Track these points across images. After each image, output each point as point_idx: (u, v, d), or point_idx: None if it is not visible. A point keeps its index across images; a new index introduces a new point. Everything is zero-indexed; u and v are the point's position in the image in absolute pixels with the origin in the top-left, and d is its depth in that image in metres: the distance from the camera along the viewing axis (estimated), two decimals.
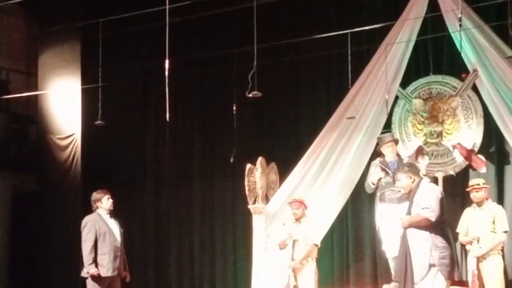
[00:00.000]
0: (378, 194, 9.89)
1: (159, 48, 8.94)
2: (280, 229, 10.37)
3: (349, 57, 9.84)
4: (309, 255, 9.69)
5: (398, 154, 9.98)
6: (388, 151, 9.90)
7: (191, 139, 12.52)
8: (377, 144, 10.06)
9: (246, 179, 10.63)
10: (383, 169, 9.78)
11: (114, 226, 10.00)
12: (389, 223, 9.59)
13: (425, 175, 9.23)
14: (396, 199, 9.51)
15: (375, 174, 9.89)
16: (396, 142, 10.02)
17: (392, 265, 9.73)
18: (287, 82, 11.75)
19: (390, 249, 9.65)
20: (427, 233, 7.37)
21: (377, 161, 9.97)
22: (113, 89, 11.78)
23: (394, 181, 8.40)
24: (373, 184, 9.95)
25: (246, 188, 10.63)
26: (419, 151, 10.37)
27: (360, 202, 11.12)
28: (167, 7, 8.56)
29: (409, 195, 7.75)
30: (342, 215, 10.95)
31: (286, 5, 11.32)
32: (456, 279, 7.75)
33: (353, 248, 11.25)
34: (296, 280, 9.70)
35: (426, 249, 7.34)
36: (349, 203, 10.88)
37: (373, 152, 10.34)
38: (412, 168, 7.83)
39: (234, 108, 10.87)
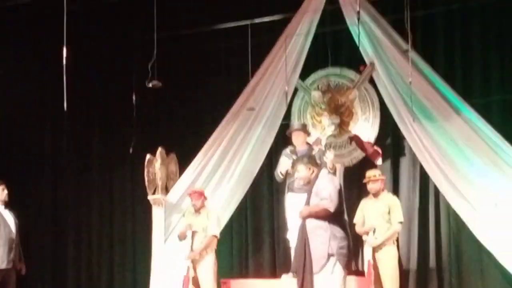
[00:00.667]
0: (287, 182, 9.94)
1: (57, 35, 8.77)
2: (180, 220, 10.36)
3: (250, 48, 9.86)
4: (208, 246, 9.68)
5: (308, 143, 10.02)
6: (296, 139, 9.96)
7: (90, 129, 12.34)
8: (288, 132, 10.12)
9: (145, 170, 10.57)
10: (291, 158, 9.82)
11: (9, 217, 9.82)
12: (294, 212, 9.66)
13: (331, 168, 9.38)
14: (301, 188, 9.57)
15: (284, 163, 9.92)
16: (304, 131, 10.04)
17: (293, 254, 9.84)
18: (188, 72, 11.68)
19: (294, 238, 9.73)
20: (326, 223, 7.45)
21: (287, 150, 10.01)
22: (10, 77, 11.52)
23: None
24: (282, 174, 9.98)
25: (146, 179, 10.56)
26: (318, 143, 10.50)
27: (259, 193, 11.20)
28: None
29: (308, 186, 7.82)
30: (242, 206, 10.98)
31: None
32: (353, 268, 7.88)
33: (252, 239, 11.33)
34: (195, 271, 9.67)
35: (325, 239, 7.43)
36: (248, 194, 10.92)
37: (286, 141, 10.36)
38: (312, 160, 7.91)
39: (134, 98, 10.77)
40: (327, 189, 7.48)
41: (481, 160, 9.53)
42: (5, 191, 9.84)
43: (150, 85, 9.49)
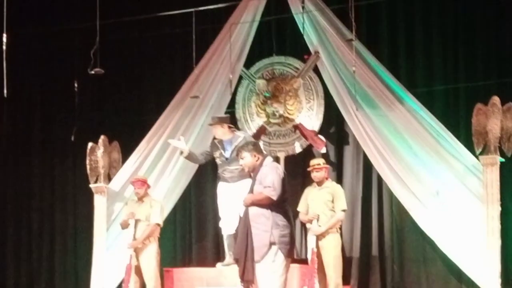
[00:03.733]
0: (218, 172, 9.87)
1: None
2: (122, 209, 10.29)
3: (194, 36, 9.80)
4: (151, 235, 9.64)
5: (232, 131, 9.77)
6: (215, 133, 9.82)
7: (31, 116, 12.14)
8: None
9: (88, 158, 10.48)
10: (218, 148, 9.74)
11: None
12: (226, 201, 9.67)
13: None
14: (233, 177, 9.56)
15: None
16: (219, 123, 9.67)
17: (226, 242, 9.83)
18: (131, 59, 11.57)
19: (226, 226, 9.74)
20: (268, 211, 7.41)
21: (215, 141, 9.91)
22: None
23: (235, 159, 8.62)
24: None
25: (88, 167, 10.49)
26: (262, 131, 10.49)
27: (203, 181, 11.15)
28: None
29: (252, 173, 7.79)
30: (185, 194, 10.94)
31: None
32: (295, 256, 7.88)
33: (196, 227, 11.27)
34: (138, 260, 9.62)
35: (267, 227, 7.40)
36: (192, 182, 10.87)
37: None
38: (257, 147, 7.85)
39: (76, 85, 10.64)
40: (271, 177, 7.44)
41: (424, 149, 9.64)
42: None
43: (93, 72, 9.39)
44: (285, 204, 7.55)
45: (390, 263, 10.31)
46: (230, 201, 9.52)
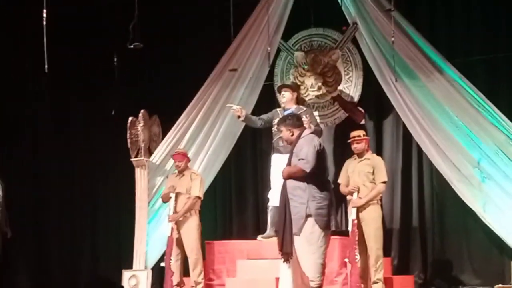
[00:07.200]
0: (273, 143, 9.92)
1: None
2: (163, 182, 10.36)
3: (232, 9, 9.78)
4: (192, 208, 9.70)
5: (297, 103, 9.97)
6: (284, 95, 9.91)
7: (71, 91, 12.21)
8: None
9: (128, 132, 10.54)
10: (279, 116, 9.77)
11: None
12: (278, 173, 9.67)
13: (316, 126, 9.39)
14: (286, 147, 9.53)
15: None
16: (292, 89, 9.97)
17: (270, 214, 9.86)
18: (169, 33, 11.58)
19: (273, 198, 9.74)
20: (305, 184, 7.41)
21: (278, 109, 9.97)
22: None
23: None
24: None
25: (129, 141, 10.54)
26: (301, 103, 10.45)
27: (243, 154, 11.19)
28: None
29: (291, 146, 7.79)
30: (225, 167, 10.98)
31: None
32: (335, 228, 7.86)
33: (236, 200, 11.34)
34: (179, 232, 9.70)
35: (303, 199, 7.40)
36: (232, 155, 10.91)
37: (269, 102, 10.25)
38: (293, 121, 7.80)
39: (115, 59, 10.69)
40: (305, 149, 7.43)
41: (464, 119, 9.57)
42: None
43: (132, 46, 9.43)
44: (322, 176, 7.54)
45: (430, 234, 10.30)
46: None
